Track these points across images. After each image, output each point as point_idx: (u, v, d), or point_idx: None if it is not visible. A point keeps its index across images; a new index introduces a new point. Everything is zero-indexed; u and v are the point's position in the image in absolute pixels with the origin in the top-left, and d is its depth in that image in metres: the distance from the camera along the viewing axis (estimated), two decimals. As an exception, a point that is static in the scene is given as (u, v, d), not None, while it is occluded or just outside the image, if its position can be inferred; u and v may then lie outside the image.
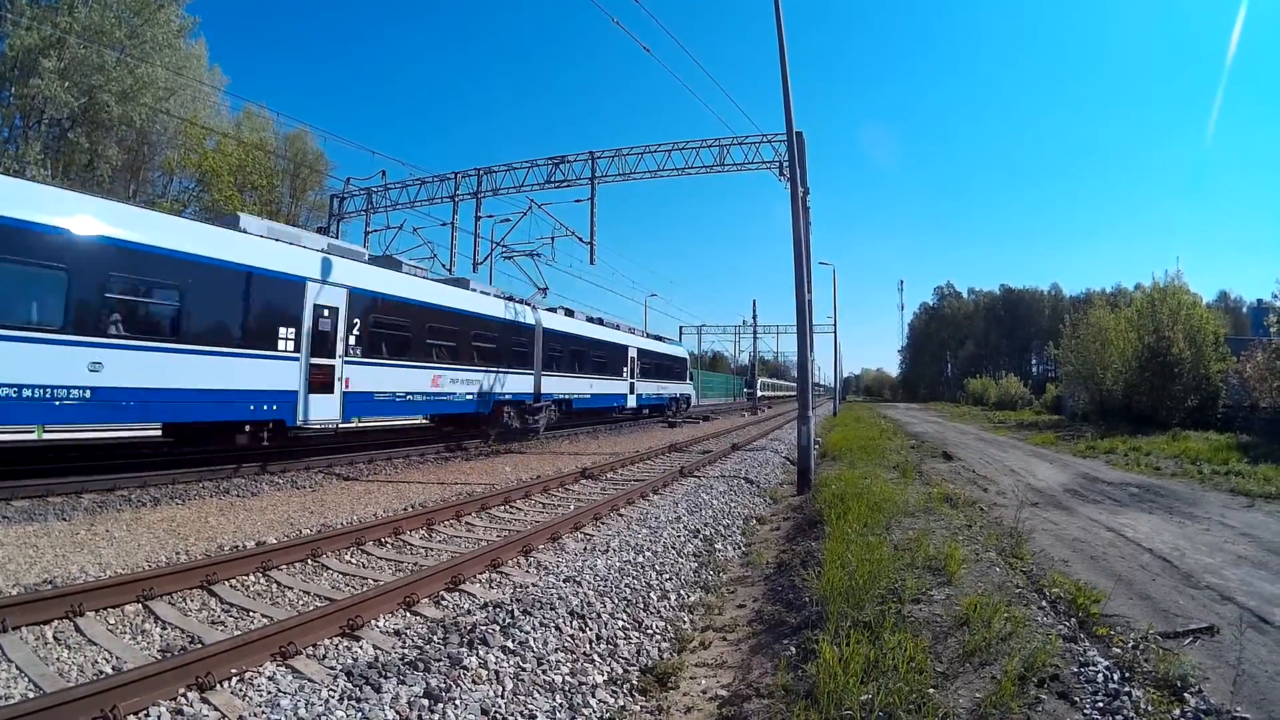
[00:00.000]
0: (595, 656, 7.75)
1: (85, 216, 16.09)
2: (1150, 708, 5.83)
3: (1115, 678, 6.30)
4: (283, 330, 20.57)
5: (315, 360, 21.54)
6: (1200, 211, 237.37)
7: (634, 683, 7.46)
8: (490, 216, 38.21)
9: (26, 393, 14.79)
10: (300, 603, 9.54)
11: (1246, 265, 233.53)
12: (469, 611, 8.50)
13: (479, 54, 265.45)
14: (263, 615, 8.83)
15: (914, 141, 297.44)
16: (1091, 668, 6.48)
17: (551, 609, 8.37)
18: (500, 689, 6.51)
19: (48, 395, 15.12)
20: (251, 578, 10.29)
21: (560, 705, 6.62)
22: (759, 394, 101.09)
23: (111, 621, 8.30)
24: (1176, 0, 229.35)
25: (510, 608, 8.25)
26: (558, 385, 35.77)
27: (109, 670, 7.01)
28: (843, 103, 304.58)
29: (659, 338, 45.58)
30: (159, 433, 20.27)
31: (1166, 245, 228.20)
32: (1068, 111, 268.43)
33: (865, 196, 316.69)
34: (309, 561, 11.27)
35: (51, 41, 43.66)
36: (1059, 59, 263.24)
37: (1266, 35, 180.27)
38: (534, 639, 7.52)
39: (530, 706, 6.42)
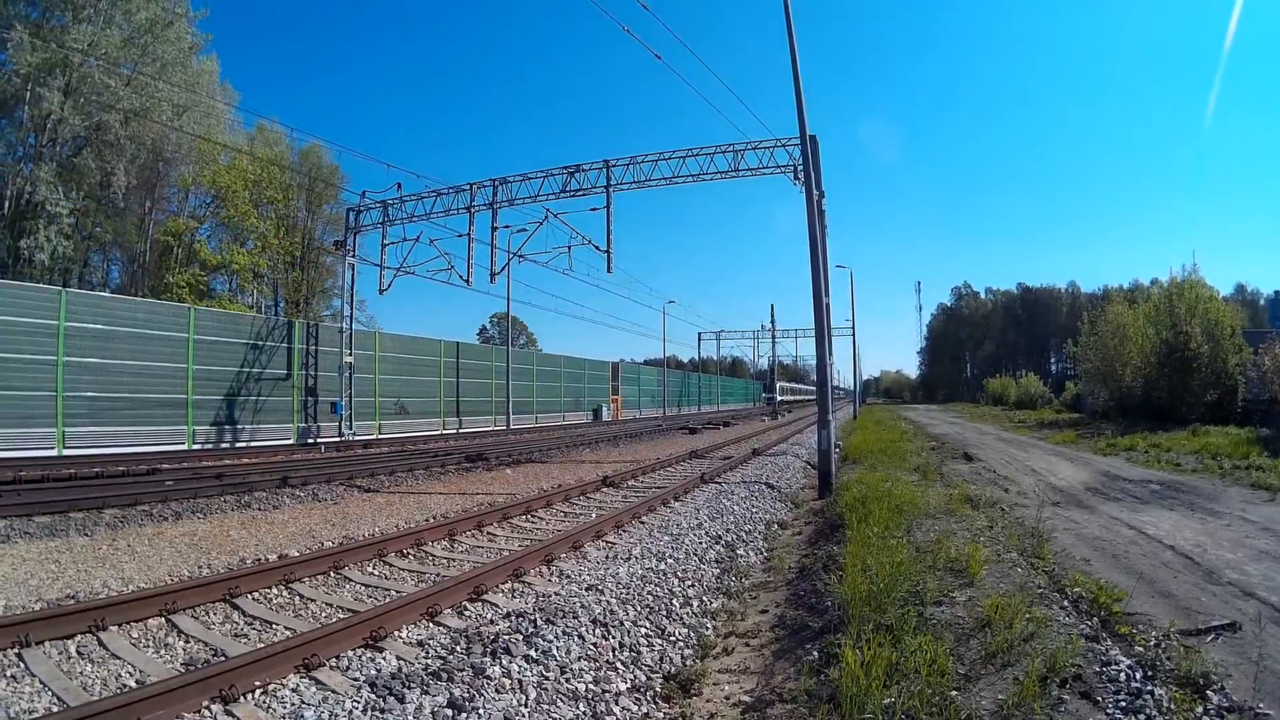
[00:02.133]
0: (618, 664, 7.75)
1: None
2: (1173, 706, 5.81)
3: (1138, 676, 6.29)
4: None
5: None
6: (1216, 204, 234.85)
7: (657, 689, 7.46)
8: (507, 227, 38.24)
9: None
10: (323, 614, 9.56)
11: (1263, 257, 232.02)
12: (492, 621, 8.52)
13: (490, 64, 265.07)
14: (285, 627, 8.84)
15: (928, 140, 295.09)
16: (1114, 667, 6.47)
17: (574, 617, 8.38)
18: (524, 698, 6.52)
19: None
20: (274, 590, 10.31)
21: (584, 713, 6.63)
22: (778, 399, 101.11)
23: (134, 635, 8.34)
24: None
25: (533, 617, 8.27)
26: None
27: (132, 684, 7.04)
28: (855, 101, 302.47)
29: None
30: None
31: (1184, 239, 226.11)
32: (1081, 107, 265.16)
33: (880, 196, 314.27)
34: (331, 574, 11.29)
35: (57, 61, 43.88)
36: (1071, 53, 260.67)
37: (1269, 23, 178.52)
38: (557, 648, 7.53)
39: (554, 715, 6.43)
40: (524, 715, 6.27)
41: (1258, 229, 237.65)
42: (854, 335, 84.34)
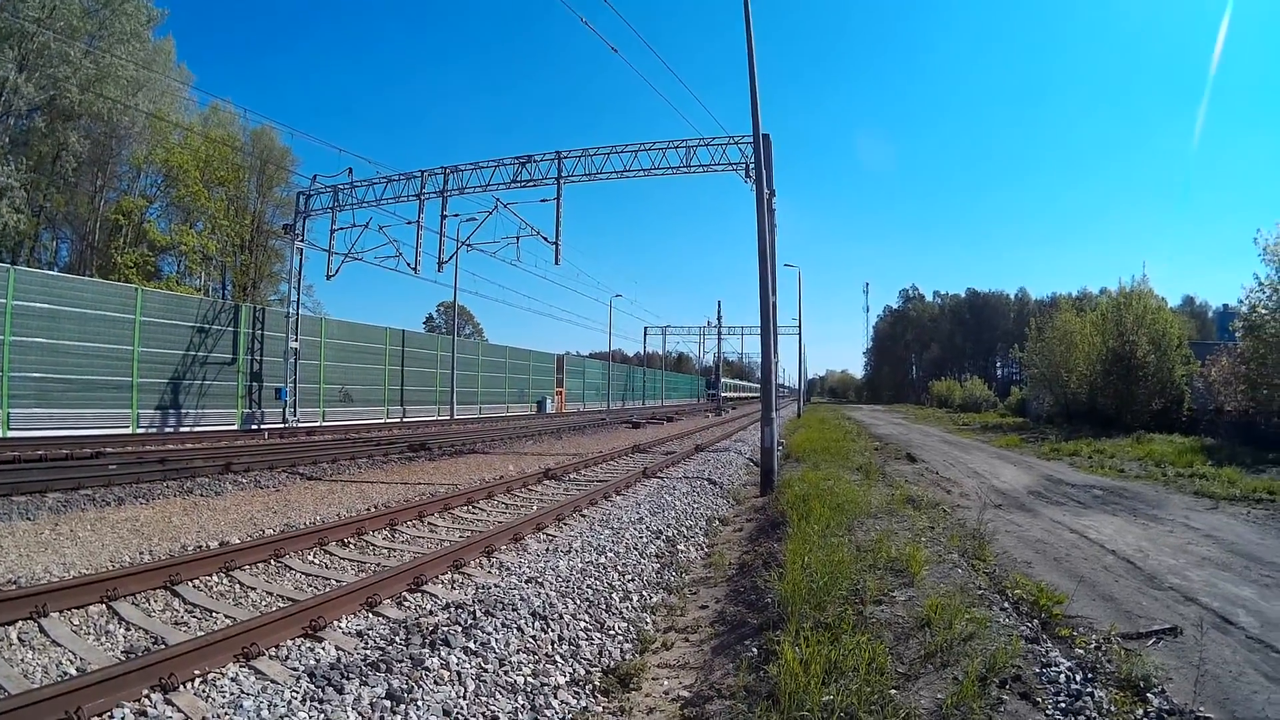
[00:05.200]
0: (557, 657, 7.76)
1: None
2: (1113, 708, 5.87)
3: (1078, 678, 6.34)
4: None
5: None
6: (1169, 216, 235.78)
7: (596, 683, 7.47)
8: (456, 216, 38.18)
9: None
10: (263, 603, 9.50)
11: (1214, 271, 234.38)
12: (431, 612, 8.47)
13: (444, 51, 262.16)
14: (226, 616, 8.77)
15: (883, 141, 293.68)
16: (1054, 668, 6.53)
17: (514, 610, 8.36)
18: (462, 690, 6.51)
19: None
20: (215, 578, 10.22)
21: (522, 706, 6.63)
22: (723, 395, 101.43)
23: (76, 622, 8.25)
24: (1147, 6, 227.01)
25: (472, 608, 8.25)
26: None
27: (73, 671, 6.98)
28: (809, 100, 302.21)
29: None
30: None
31: (1134, 250, 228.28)
32: (1038, 113, 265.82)
33: (831, 195, 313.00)
34: (272, 562, 11.21)
35: (12, 31, 43.46)
36: (1029, 60, 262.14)
37: (1247, 43, 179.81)
38: (496, 640, 7.52)
39: (492, 707, 6.42)
40: (462, 708, 6.26)
41: (1211, 242, 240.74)
42: (800, 334, 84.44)
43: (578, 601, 9.30)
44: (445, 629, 7.57)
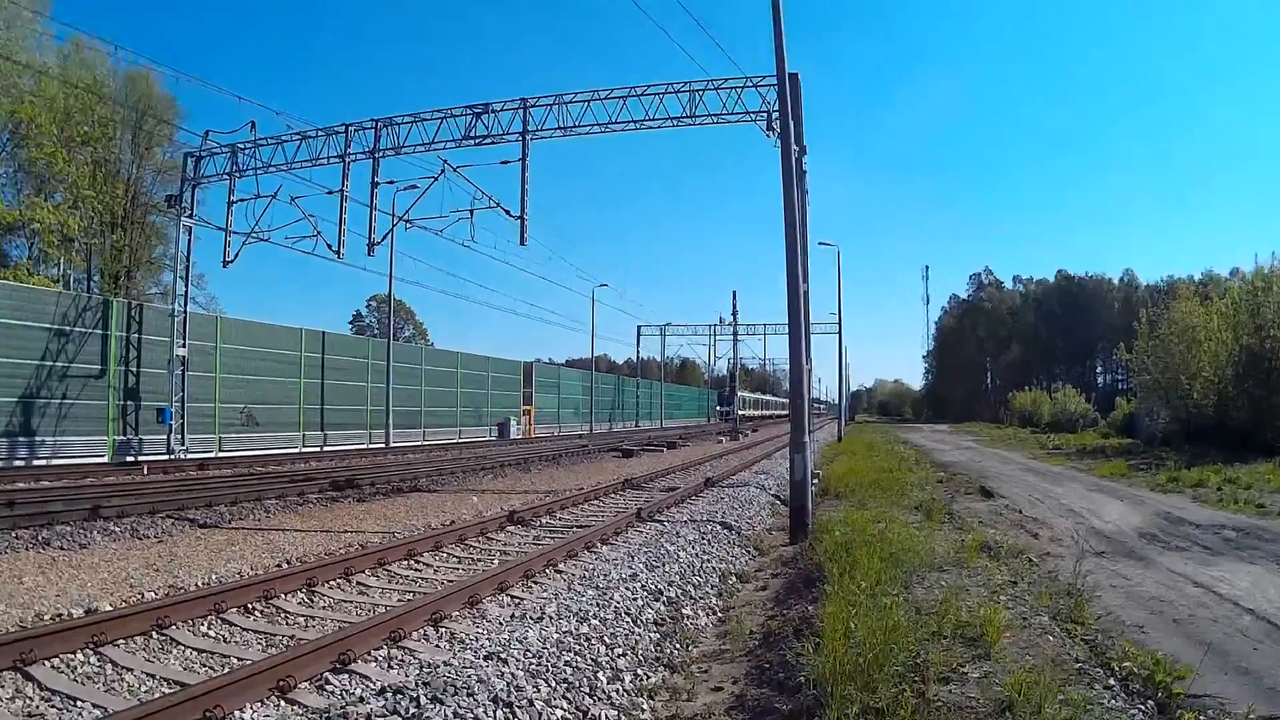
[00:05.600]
0: (527, 758, 7.74)
1: None
2: (1250, 816, 5.87)
3: (1205, 779, 6.33)
4: None
5: None
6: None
7: (579, 794, 7.45)
8: (391, 182, 37.87)
9: None
10: (143, 689, 9.42)
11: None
12: (361, 699, 8.37)
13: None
14: (94, 705, 8.69)
15: (948, 80, 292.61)
16: (1174, 766, 6.52)
17: (469, 695, 8.29)
18: (404, 803, 6.48)
19: None
20: (79, 656, 10.10)
21: (483, 826, 6.60)
22: (740, 412, 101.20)
23: (-112, 720, 8.21)
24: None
25: (415, 694, 8.17)
26: None
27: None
28: (852, 32, 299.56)
29: None
30: None
31: (1274, 218, 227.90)
32: (1167, 23, 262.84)
33: (880, 156, 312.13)
34: (154, 635, 11.09)
35: None
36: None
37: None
38: (447, 735, 7.49)
39: (441, 829, 6.40)
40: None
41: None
42: (840, 333, 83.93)
43: (553, 683, 9.23)
44: (380, 721, 7.52)
